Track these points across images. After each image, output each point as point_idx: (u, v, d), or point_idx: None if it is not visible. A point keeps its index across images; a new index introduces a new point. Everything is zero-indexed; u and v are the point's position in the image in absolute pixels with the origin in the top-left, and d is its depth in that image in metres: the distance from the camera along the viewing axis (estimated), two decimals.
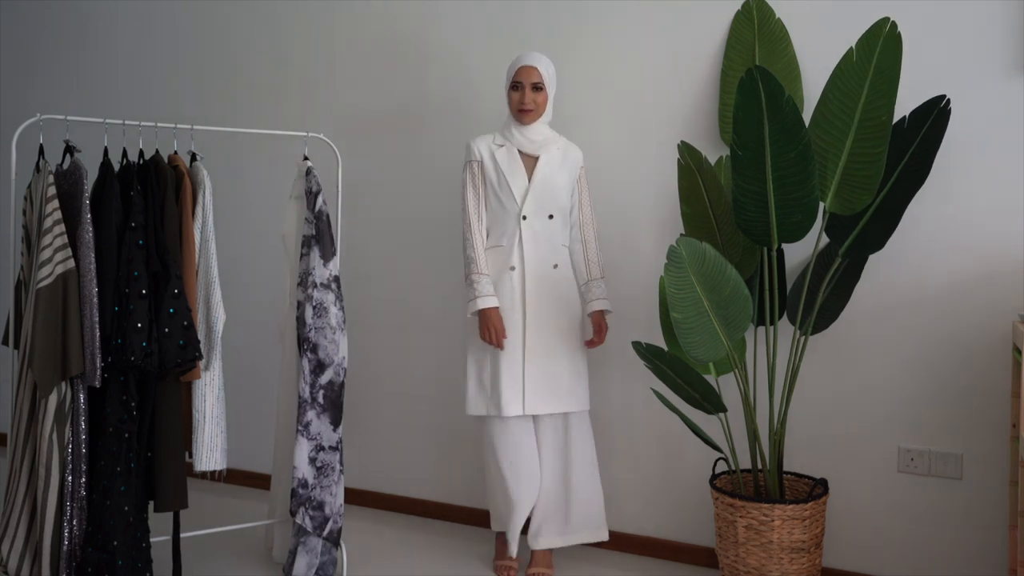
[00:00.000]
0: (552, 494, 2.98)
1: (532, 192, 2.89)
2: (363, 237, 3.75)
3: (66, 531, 2.51)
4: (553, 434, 2.97)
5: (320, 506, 2.89)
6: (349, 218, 3.73)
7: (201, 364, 2.71)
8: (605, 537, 3.05)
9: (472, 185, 2.94)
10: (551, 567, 3.01)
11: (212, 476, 4.06)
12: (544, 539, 2.99)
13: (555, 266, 2.92)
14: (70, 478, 2.52)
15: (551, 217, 2.91)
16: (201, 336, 2.70)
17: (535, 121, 2.91)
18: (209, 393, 2.74)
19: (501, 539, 3.12)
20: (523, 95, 2.87)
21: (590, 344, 2.97)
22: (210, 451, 2.73)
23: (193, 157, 2.82)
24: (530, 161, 2.93)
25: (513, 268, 2.89)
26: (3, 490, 3.66)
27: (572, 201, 2.99)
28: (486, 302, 2.82)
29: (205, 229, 2.74)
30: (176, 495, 2.65)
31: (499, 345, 2.83)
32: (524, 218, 2.88)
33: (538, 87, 2.88)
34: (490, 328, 2.82)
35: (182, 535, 2.86)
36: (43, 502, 2.50)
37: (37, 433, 2.52)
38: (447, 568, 3.11)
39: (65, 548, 2.51)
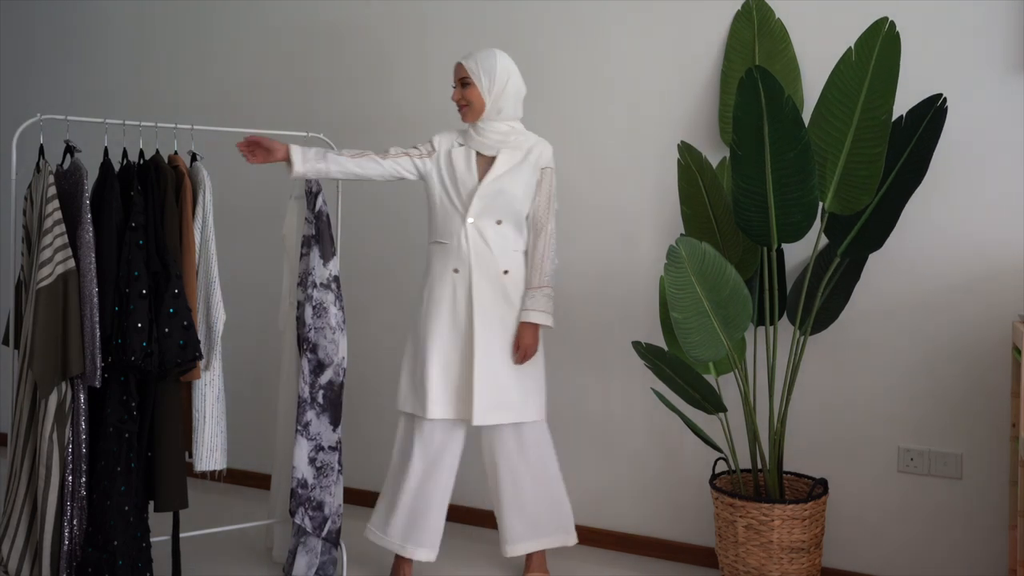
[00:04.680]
0: (520, 499, 2.89)
1: (479, 195, 2.78)
2: (363, 237, 3.75)
3: (66, 531, 2.52)
4: (511, 444, 2.85)
5: (319, 506, 2.89)
6: (349, 218, 3.73)
7: (201, 364, 2.71)
8: (574, 541, 2.97)
9: (413, 147, 2.86)
10: (547, 571, 2.99)
11: (212, 476, 4.06)
12: (522, 544, 2.91)
13: (505, 272, 2.79)
14: (70, 478, 2.52)
15: (499, 223, 2.78)
16: (201, 336, 2.70)
17: (476, 118, 2.82)
18: (209, 393, 2.74)
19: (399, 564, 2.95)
20: (455, 92, 2.83)
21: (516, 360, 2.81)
22: (210, 451, 2.73)
23: (193, 157, 2.82)
24: (485, 162, 2.83)
25: (457, 271, 2.80)
26: (3, 490, 3.66)
27: (534, 204, 2.84)
28: (294, 151, 2.73)
29: (205, 229, 2.74)
30: (176, 495, 2.65)
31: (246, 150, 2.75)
32: (470, 221, 2.79)
33: (465, 82, 2.79)
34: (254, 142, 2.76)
35: (182, 535, 2.86)
36: (43, 502, 2.50)
37: (37, 433, 2.52)
38: (447, 568, 3.11)
39: (65, 548, 2.51)
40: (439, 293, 2.82)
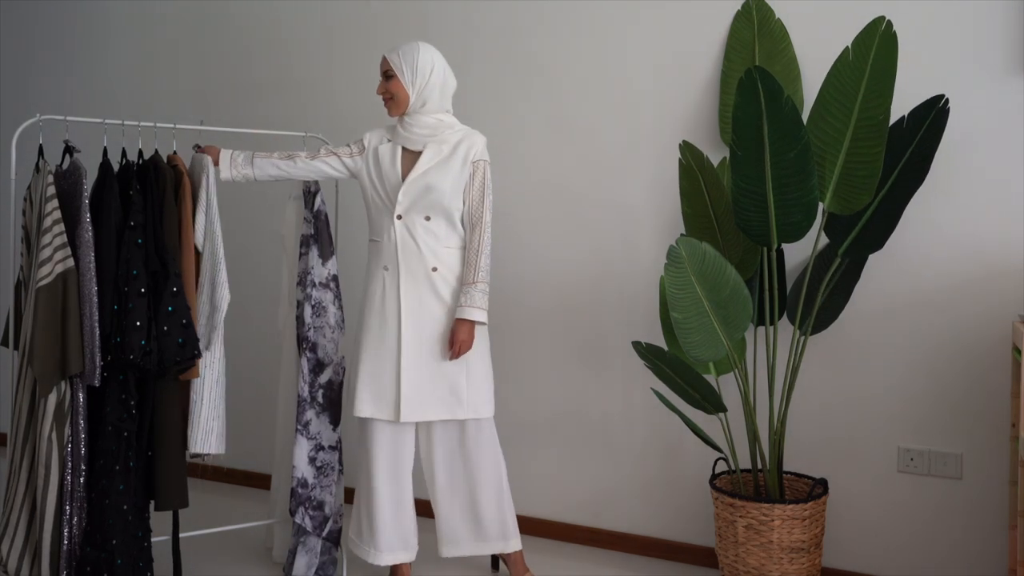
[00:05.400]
0: (454, 500, 2.87)
1: (404, 192, 2.73)
2: (361, 236, 3.75)
3: (65, 530, 2.52)
4: (447, 443, 2.85)
5: (320, 506, 2.89)
6: (347, 217, 3.73)
7: (200, 362, 2.70)
8: (518, 547, 2.91)
9: (345, 145, 2.88)
10: (527, 569, 2.96)
11: (210, 474, 4.05)
12: (456, 547, 2.90)
13: (434, 269, 2.77)
14: (69, 477, 2.52)
15: (428, 219, 2.76)
16: (204, 315, 2.69)
17: (401, 112, 2.79)
18: (208, 374, 2.70)
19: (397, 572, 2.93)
20: (379, 85, 2.82)
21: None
22: (206, 433, 2.69)
23: (196, 148, 2.83)
24: (411, 158, 2.79)
25: (387, 268, 2.78)
26: (3, 490, 3.66)
27: (466, 200, 2.80)
28: (223, 157, 2.84)
29: (210, 211, 2.73)
30: (176, 494, 2.65)
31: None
32: (399, 217, 2.76)
33: (388, 75, 2.78)
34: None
35: (182, 535, 2.85)
36: (42, 501, 2.50)
37: (37, 432, 2.52)
38: (446, 569, 3.11)
39: (65, 547, 2.51)
40: (372, 292, 2.82)
